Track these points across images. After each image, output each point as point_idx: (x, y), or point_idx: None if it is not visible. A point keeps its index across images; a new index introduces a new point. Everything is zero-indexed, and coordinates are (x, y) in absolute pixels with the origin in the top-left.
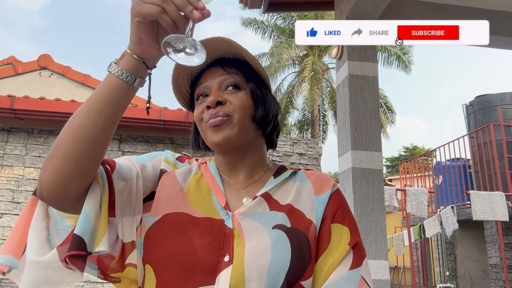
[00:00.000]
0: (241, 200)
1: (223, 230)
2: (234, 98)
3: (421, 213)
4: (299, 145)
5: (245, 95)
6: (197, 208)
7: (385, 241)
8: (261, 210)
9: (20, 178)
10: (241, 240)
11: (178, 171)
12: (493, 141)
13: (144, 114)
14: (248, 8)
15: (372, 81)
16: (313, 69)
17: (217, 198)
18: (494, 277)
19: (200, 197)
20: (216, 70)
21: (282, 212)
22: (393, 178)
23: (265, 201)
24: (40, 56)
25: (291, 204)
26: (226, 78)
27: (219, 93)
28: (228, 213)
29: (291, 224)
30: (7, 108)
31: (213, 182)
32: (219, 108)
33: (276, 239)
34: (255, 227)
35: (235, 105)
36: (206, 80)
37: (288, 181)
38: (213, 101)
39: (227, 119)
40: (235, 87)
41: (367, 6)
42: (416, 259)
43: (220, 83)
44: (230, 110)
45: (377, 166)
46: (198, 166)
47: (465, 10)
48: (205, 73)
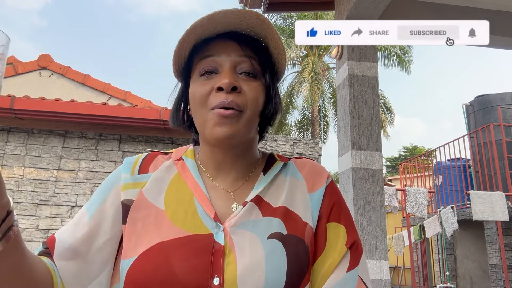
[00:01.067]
0: (229, 207)
1: (211, 246)
2: (250, 89)
3: (421, 213)
4: (299, 145)
5: (260, 87)
6: (181, 225)
7: (385, 241)
8: (253, 218)
9: (20, 178)
10: (232, 258)
11: (146, 188)
12: (493, 141)
13: (144, 114)
14: (248, 8)
15: (372, 81)
16: (313, 69)
17: (203, 208)
18: (494, 277)
19: (182, 210)
20: (232, 46)
21: (277, 217)
22: (393, 178)
23: (257, 206)
24: (40, 56)
25: (285, 207)
26: (243, 61)
27: (234, 76)
28: (218, 225)
29: (287, 230)
30: (7, 108)
31: (195, 186)
32: (234, 96)
33: (270, 250)
34: (248, 239)
35: (249, 97)
36: (219, 55)
37: (279, 176)
38: (230, 84)
39: (239, 114)
40: (251, 75)
41: (367, 6)
42: (416, 259)
43: (235, 64)
44: (244, 103)
45: (377, 166)
46: (172, 164)
47: (465, 10)
48: (217, 45)
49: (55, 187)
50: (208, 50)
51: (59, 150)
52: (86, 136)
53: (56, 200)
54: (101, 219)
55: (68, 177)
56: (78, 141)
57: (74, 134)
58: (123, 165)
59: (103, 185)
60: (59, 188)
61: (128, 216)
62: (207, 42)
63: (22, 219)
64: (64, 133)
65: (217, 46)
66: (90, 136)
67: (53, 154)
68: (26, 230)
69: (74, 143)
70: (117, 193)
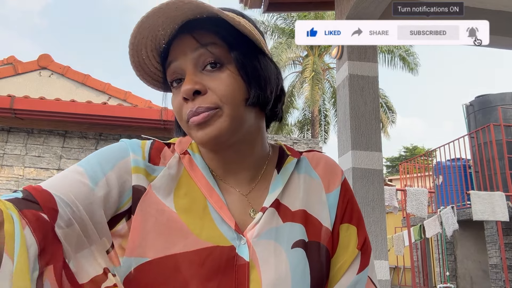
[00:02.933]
0: (247, 213)
1: (234, 262)
2: (216, 83)
3: (421, 213)
4: (299, 145)
5: (230, 74)
6: (198, 234)
7: (385, 241)
8: (275, 225)
9: (20, 178)
10: (256, 273)
11: (155, 184)
12: (493, 141)
13: (144, 114)
14: (248, 8)
15: (372, 81)
16: (314, 69)
17: (221, 215)
18: (494, 277)
19: (196, 215)
20: (187, 42)
21: (298, 223)
22: (393, 178)
23: (276, 211)
24: (40, 56)
25: (304, 210)
26: (201, 54)
27: (196, 77)
28: (240, 236)
29: (308, 237)
30: (7, 108)
31: (207, 188)
32: (200, 100)
33: (296, 262)
34: (273, 250)
35: (219, 92)
36: (176, 58)
37: (294, 174)
38: (189, 91)
39: (214, 112)
40: (215, 64)
41: (367, 6)
42: (416, 259)
43: (194, 61)
44: (214, 100)
45: (377, 166)
46: (179, 160)
47: (466, 10)
48: (174, 45)
49: None
50: (169, 54)
51: (59, 150)
52: (86, 136)
53: None
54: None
55: None
56: (78, 141)
57: (74, 134)
58: (130, 144)
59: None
60: None
61: (137, 206)
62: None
63: None
64: (64, 133)
65: (174, 46)
66: (90, 136)
67: (53, 154)
68: None
69: (74, 143)
70: (124, 172)
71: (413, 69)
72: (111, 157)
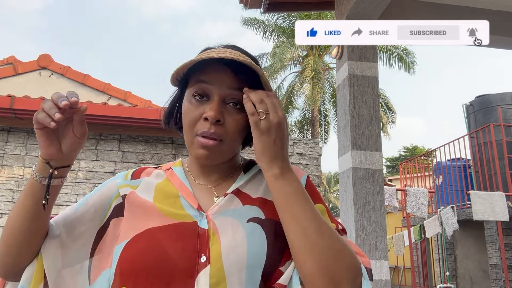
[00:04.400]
0: (212, 199)
1: (196, 231)
2: (233, 121)
3: (421, 213)
4: (299, 145)
5: (243, 118)
6: (168, 215)
7: (385, 241)
8: (234, 206)
9: (20, 178)
10: (216, 239)
11: (138, 189)
12: (493, 141)
13: (144, 114)
14: (248, 8)
15: (372, 81)
16: (314, 69)
17: (188, 201)
18: (494, 277)
19: (169, 204)
20: (226, 75)
21: (255, 205)
22: (393, 178)
23: (236, 197)
24: (40, 56)
25: (263, 197)
26: (232, 94)
27: (221, 108)
28: (201, 213)
29: (265, 215)
30: (7, 108)
31: (181, 186)
32: (216, 128)
33: (250, 231)
34: (230, 223)
35: (231, 129)
36: (212, 83)
37: (258, 175)
38: (213, 117)
39: (219, 143)
40: (237, 104)
41: (367, 6)
42: (416, 259)
43: (224, 95)
44: (225, 133)
45: (377, 166)
46: (162, 172)
47: (465, 10)
48: (213, 71)
49: None
50: (204, 74)
51: None
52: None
53: (56, 200)
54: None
55: (68, 177)
56: None
57: None
58: (116, 176)
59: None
60: None
61: (125, 207)
62: (205, 63)
63: None
64: None
65: (212, 72)
66: (90, 136)
67: None
68: None
69: None
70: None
71: (410, 68)
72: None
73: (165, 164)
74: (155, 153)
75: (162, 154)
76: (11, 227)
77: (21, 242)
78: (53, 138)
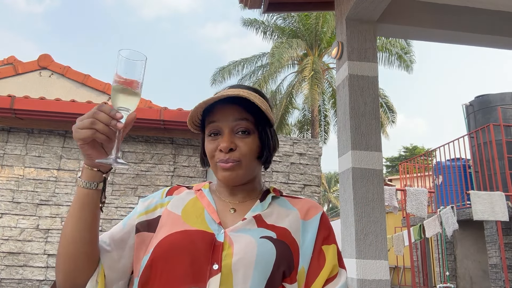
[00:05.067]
0: (232, 220)
1: (213, 242)
2: (244, 144)
3: (421, 213)
4: (299, 145)
5: (254, 139)
6: (191, 223)
7: (385, 241)
8: (249, 227)
9: (20, 178)
10: (230, 251)
11: (169, 204)
12: (493, 141)
13: (144, 114)
14: (248, 8)
15: (372, 81)
16: (313, 69)
17: (211, 216)
18: (494, 277)
19: (194, 216)
20: (230, 111)
21: (269, 229)
22: (393, 178)
23: (255, 220)
24: (40, 56)
25: (275, 224)
26: (238, 124)
27: (231, 138)
28: (220, 228)
29: (277, 236)
30: (7, 108)
31: (208, 204)
32: (230, 154)
33: (262, 244)
34: (244, 238)
35: (244, 150)
36: (220, 121)
37: (271, 206)
38: (226, 147)
39: (237, 164)
40: (246, 132)
41: (367, 6)
42: (416, 259)
43: (232, 127)
44: (240, 156)
45: (377, 166)
46: (192, 192)
47: (465, 10)
48: (219, 110)
49: (55, 187)
50: (213, 115)
51: (59, 150)
52: None
53: (56, 200)
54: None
55: (68, 177)
56: None
57: None
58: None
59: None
60: (59, 188)
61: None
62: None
63: (22, 219)
64: (64, 133)
65: (220, 111)
66: None
67: (53, 154)
68: (26, 230)
69: (74, 143)
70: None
71: (409, 67)
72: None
73: (195, 184)
74: (155, 153)
75: (162, 154)
76: (72, 240)
77: (85, 253)
78: (99, 147)
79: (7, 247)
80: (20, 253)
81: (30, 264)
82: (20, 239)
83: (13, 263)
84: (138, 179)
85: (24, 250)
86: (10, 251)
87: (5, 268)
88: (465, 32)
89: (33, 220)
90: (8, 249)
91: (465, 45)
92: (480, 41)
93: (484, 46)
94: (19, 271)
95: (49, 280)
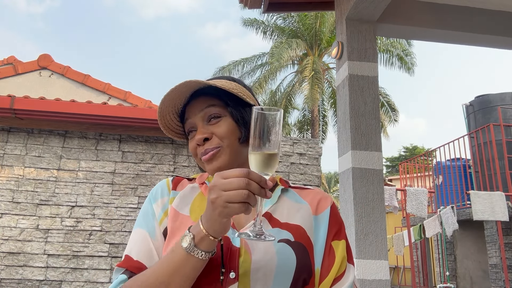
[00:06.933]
0: (243, 219)
1: (229, 247)
2: (218, 128)
3: (421, 213)
4: (299, 145)
5: (227, 120)
6: None
7: (385, 241)
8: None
9: (20, 178)
10: (248, 257)
11: (174, 202)
12: (493, 141)
13: (144, 114)
14: (248, 8)
15: (372, 81)
16: (313, 69)
17: None
18: (494, 277)
19: None
20: (197, 104)
21: (285, 229)
22: (393, 178)
23: (266, 219)
24: (40, 56)
25: (289, 222)
26: (206, 112)
27: (204, 128)
28: (234, 230)
29: (294, 238)
30: (7, 108)
31: None
32: (207, 144)
33: (282, 250)
34: (262, 242)
35: (220, 134)
36: (190, 116)
37: (283, 198)
38: (200, 139)
39: (218, 150)
40: (216, 117)
41: (367, 6)
42: (416, 259)
43: (202, 117)
44: (217, 142)
45: (377, 166)
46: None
47: (465, 10)
48: (188, 107)
49: (55, 187)
50: (186, 113)
51: (59, 150)
52: (86, 136)
53: (56, 200)
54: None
55: (68, 177)
56: (78, 141)
57: (74, 134)
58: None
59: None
60: (59, 188)
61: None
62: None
63: (22, 219)
64: (64, 133)
65: (189, 108)
66: (90, 136)
67: (53, 154)
68: (26, 230)
69: (74, 143)
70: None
71: (410, 69)
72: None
73: (198, 176)
74: (155, 153)
75: (162, 154)
76: None
77: None
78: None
79: (7, 247)
80: (20, 253)
81: (30, 264)
82: (20, 239)
83: (13, 263)
84: (138, 179)
85: (24, 250)
86: (10, 251)
87: (5, 268)
88: (465, 32)
89: (33, 220)
90: (8, 249)
91: (465, 45)
92: (480, 41)
93: (484, 46)
94: (19, 271)
95: (49, 280)
